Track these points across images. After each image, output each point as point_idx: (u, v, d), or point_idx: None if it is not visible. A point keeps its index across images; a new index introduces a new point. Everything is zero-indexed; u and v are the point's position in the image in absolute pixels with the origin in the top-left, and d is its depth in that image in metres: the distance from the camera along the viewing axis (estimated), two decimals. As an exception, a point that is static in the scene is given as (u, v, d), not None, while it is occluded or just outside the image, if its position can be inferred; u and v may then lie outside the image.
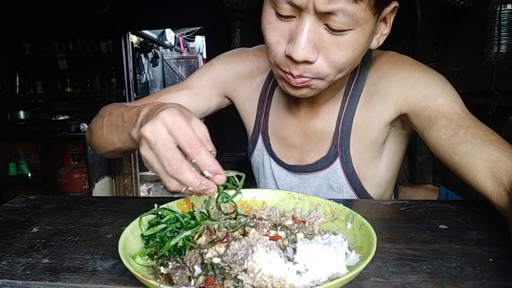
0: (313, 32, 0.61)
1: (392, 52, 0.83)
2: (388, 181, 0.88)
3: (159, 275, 0.46)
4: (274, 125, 0.91)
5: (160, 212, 0.57)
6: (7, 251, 0.57)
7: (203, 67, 0.97)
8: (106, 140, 0.77)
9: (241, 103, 0.96)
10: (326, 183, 0.85)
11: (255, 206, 0.68)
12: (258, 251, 0.45)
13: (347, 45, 0.62)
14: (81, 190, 3.58)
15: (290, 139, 0.89)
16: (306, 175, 0.87)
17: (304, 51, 0.61)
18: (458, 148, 0.65)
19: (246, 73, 0.94)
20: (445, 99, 0.72)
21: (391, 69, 0.79)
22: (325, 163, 0.84)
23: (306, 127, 0.86)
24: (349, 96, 0.82)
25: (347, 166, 0.82)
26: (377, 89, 0.80)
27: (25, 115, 4.05)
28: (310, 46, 0.61)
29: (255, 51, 0.95)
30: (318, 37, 0.62)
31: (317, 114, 0.85)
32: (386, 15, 0.67)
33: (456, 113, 0.70)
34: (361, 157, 0.82)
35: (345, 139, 0.82)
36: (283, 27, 0.64)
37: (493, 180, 0.59)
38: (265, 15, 0.66)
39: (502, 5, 1.49)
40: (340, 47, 0.62)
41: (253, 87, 0.94)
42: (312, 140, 0.86)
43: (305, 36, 0.60)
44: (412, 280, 0.46)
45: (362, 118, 0.81)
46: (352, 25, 0.60)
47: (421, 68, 0.78)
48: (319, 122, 0.85)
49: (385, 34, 0.71)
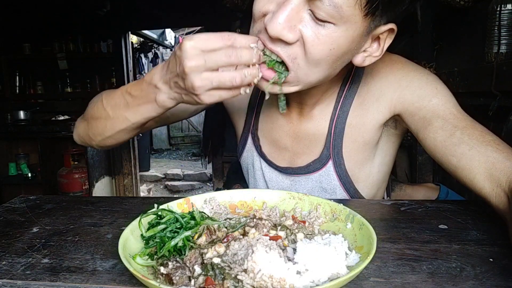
0: (296, 12, 0.58)
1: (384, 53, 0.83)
2: (380, 181, 0.88)
3: (159, 275, 0.46)
4: (265, 126, 0.90)
5: (160, 213, 0.57)
6: (7, 251, 0.57)
7: None
8: (115, 120, 0.74)
9: (229, 102, 0.95)
10: (318, 185, 0.85)
11: (255, 206, 0.68)
12: (258, 251, 0.45)
13: (326, 40, 0.59)
14: (81, 190, 3.58)
15: (282, 141, 0.88)
16: (298, 177, 0.86)
17: (280, 26, 0.58)
18: (455, 150, 0.65)
19: None
20: (440, 99, 0.72)
21: (383, 69, 0.79)
22: (318, 165, 0.83)
23: (298, 129, 0.85)
24: (343, 98, 0.81)
25: (340, 168, 0.82)
26: (370, 89, 0.79)
27: (25, 115, 4.05)
28: (287, 24, 0.58)
29: None
30: (300, 20, 0.59)
31: (309, 116, 0.84)
32: (380, 34, 0.64)
33: (452, 114, 0.70)
34: (354, 159, 0.82)
35: (337, 141, 0.81)
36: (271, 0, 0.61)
37: (491, 182, 0.58)
38: None
39: (502, 5, 1.49)
40: (319, 40, 0.59)
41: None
42: (304, 142, 0.85)
43: (286, 12, 0.58)
44: (412, 280, 0.46)
45: (356, 120, 0.80)
46: (336, 19, 0.57)
47: (413, 67, 0.78)
48: (311, 124, 0.84)
49: (375, 56, 0.67)
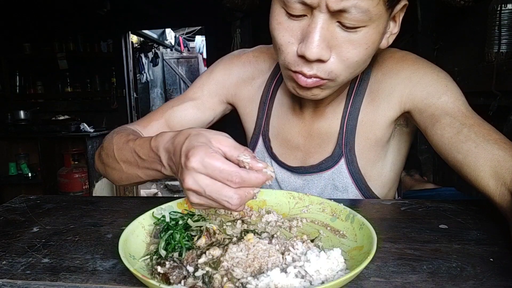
0: (326, 30, 0.59)
1: (393, 49, 0.83)
2: (392, 181, 0.88)
3: (156, 274, 0.46)
4: (277, 127, 0.89)
5: (160, 216, 0.57)
6: (7, 251, 0.57)
7: (204, 75, 0.95)
8: (129, 175, 0.72)
9: (242, 107, 0.94)
10: (331, 183, 0.84)
11: (255, 206, 0.68)
12: (256, 254, 0.45)
13: (361, 43, 0.61)
14: (81, 190, 3.58)
15: (294, 141, 0.87)
16: (310, 176, 0.86)
17: (317, 49, 0.59)
18: (461, 146, 0.65)
19: (247, 76, 0.92)
20: (449, 96, 0.72)
21: (394, 65, 0.79)
22: (330, 163, 0.83)
23: (311, 128, 0.85)
24: (353, 95, 0.81)
25: (352, 165, 0.82)
26: (381, 86, 0.79)
27: (25, 115, 4.05)
28: (324, 44, 0.60)
29: (254, 52, 0.94)
30: (331, 35, 0.60)
31: (322, 114, 0.84)
32: (396, 13, 0.66)
33: (460, 111, 0.70)
34: (367, 157, 0.82)
35: (350, 139, 0.81)
36: (294, 27, 0.62)
37: (496, 180, 0.58)
38: (274, 15, 0.64)
39: (502, 5, 1.49)
40: (354, 45, 0.61)
41: (253, 89, 0.92)
42: (316, 141, 0.85)
43: (318, 34, 0.59)
44: (412, 280, 0.46)
45: (367, 117, 0.80)
46: (365, 22, 0.58)
47: (424, 64, 0.78)
48: (323, 123, 0.84)
49: (394, 33, 0.69)
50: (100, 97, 4.86)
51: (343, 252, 0.50)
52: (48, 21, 4.56)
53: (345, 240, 0.55)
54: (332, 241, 0.56)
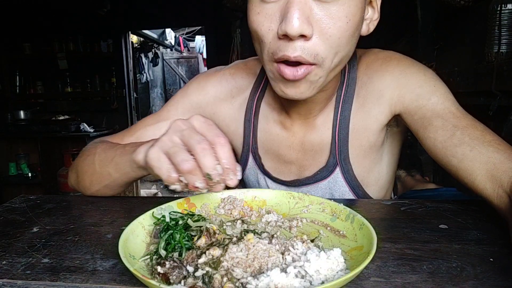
0: (304, 4, 0.59)
1: (376, 49, 0.82)
2: (389, 182, 0.88)
3: (156, 274, 0.46)
4: (266, 143, 0.87)
5: (160, 216, 0.57)
6: (7, 251, 0.56)
7: (178, 93, 0.92)
8: (100, 175, 0.75)
9: (224, 126, 0.91)
10: (328, 192, 0.83)
11: (255, 206, 0.68)
12: (256, 254, 0.45)
13: (340, 16, 0.60)
14: (81, 190, 3.57)
15: (286, 156, 0.85)
16: (307, 187, 0.84)
17: (298, 22, 0.58)
18: (456, 150, 0.64)
19: (225, 94, 0.89)
20: (439, 97, 0.71)
21: (379, 67, 0.78)
22: (325, 173, 0.82)
23: (302, 141, 0.83)
24: (341, 102, 0.79)
25: (348, 174, 0.80)
26: (368, 90, 0.78)
27: (25, 115, 4.05)
28: (303, 18, 0.59)
29: (230, 69, 0.91)
30: (310, 9, 0.60)
31: (312, 126, 0.82)
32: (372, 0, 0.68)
33: (451, 112, 0.69)
34: (362, 164, 0.81)
35: (343, 148, 0.80)
36: (271, 10, 0.62)
37: (493, 182, 0.58)
38: (251, 8, 0.64)
39: (502, 5, 1.49)
40: (334, 18, 0.60)
41: (234, 108, 0.89)
42: (309, 153, 0.83)
43: (296, 8, 0.58)
44: (412, 280, 0.46)
45: (358, 124, 0.79)
46: None
47: (409, 63, 0.77)
48: (314, 135, 0.82)
49: (375, 20, 0.70)
50: (100, 97, 4.86)
51: (343, 252, 0.50)
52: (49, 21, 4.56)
53: (345, 240, 0.55)
54: (332, 241, 0.56)
